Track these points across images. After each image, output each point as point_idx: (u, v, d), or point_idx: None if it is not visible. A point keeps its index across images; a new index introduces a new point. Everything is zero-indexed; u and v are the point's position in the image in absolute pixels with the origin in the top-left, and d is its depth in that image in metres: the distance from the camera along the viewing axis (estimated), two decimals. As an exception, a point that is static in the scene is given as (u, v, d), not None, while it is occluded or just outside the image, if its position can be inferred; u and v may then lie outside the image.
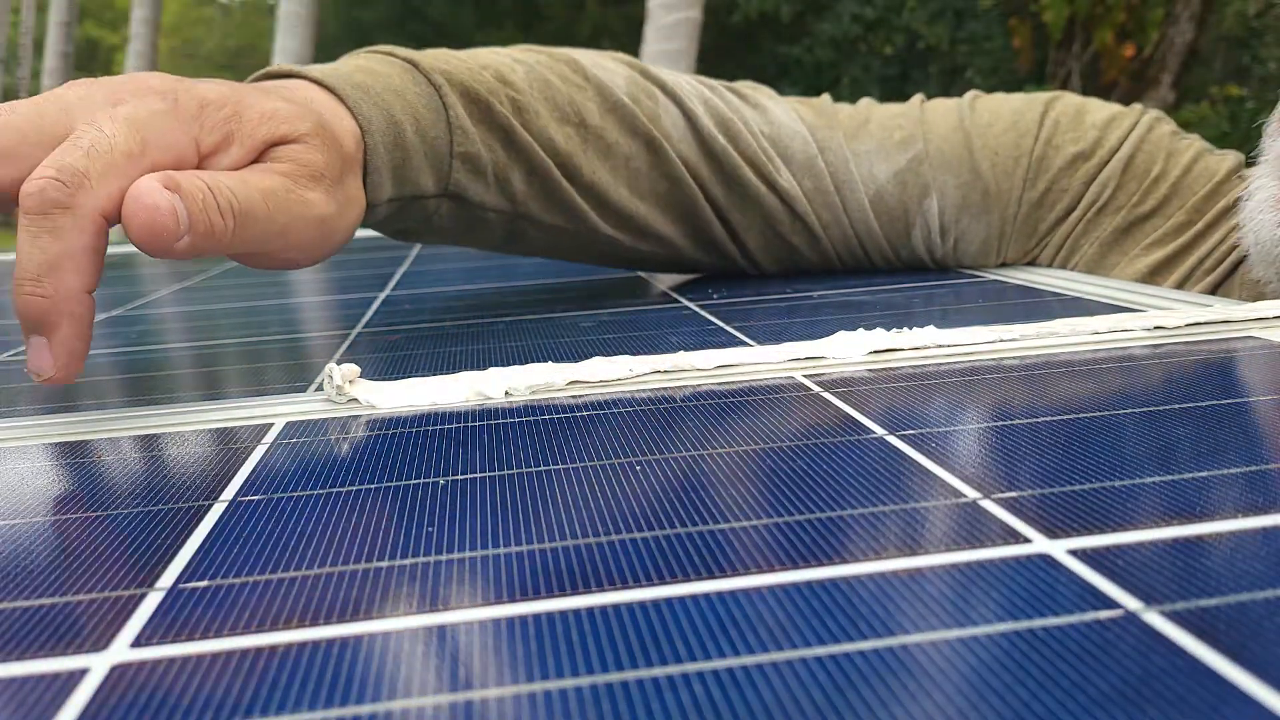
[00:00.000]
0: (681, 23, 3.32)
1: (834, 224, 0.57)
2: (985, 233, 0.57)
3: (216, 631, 0.18)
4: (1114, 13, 5.30)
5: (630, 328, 0.45)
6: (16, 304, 0.31)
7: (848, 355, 0.35)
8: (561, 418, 0.30)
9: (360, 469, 0.26)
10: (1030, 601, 0.17)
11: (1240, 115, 5.45)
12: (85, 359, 0.33)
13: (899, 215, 0.57)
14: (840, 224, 0.57)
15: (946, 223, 0.57)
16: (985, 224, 0.57)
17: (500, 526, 0.22)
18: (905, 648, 0.15)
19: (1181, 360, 0.32)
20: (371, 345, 0.45)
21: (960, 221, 0.57)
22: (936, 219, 0.56)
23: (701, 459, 0.25)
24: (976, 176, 0.56)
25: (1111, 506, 0.20)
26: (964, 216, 0.56)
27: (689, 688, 0.15)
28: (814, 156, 0.56)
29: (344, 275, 0.74)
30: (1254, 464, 0.22)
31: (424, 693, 0.15)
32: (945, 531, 0.20)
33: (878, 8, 6.64)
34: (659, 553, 0.20)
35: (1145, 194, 0.55)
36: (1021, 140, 0.56)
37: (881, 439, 0.26)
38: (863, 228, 0.57)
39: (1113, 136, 0.56)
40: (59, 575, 0.21)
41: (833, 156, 0.56)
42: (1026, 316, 0.42)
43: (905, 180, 0.56)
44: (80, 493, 0.26)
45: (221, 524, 0.23)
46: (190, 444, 0.30)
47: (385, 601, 0.18)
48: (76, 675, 0.17)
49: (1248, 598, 0.16)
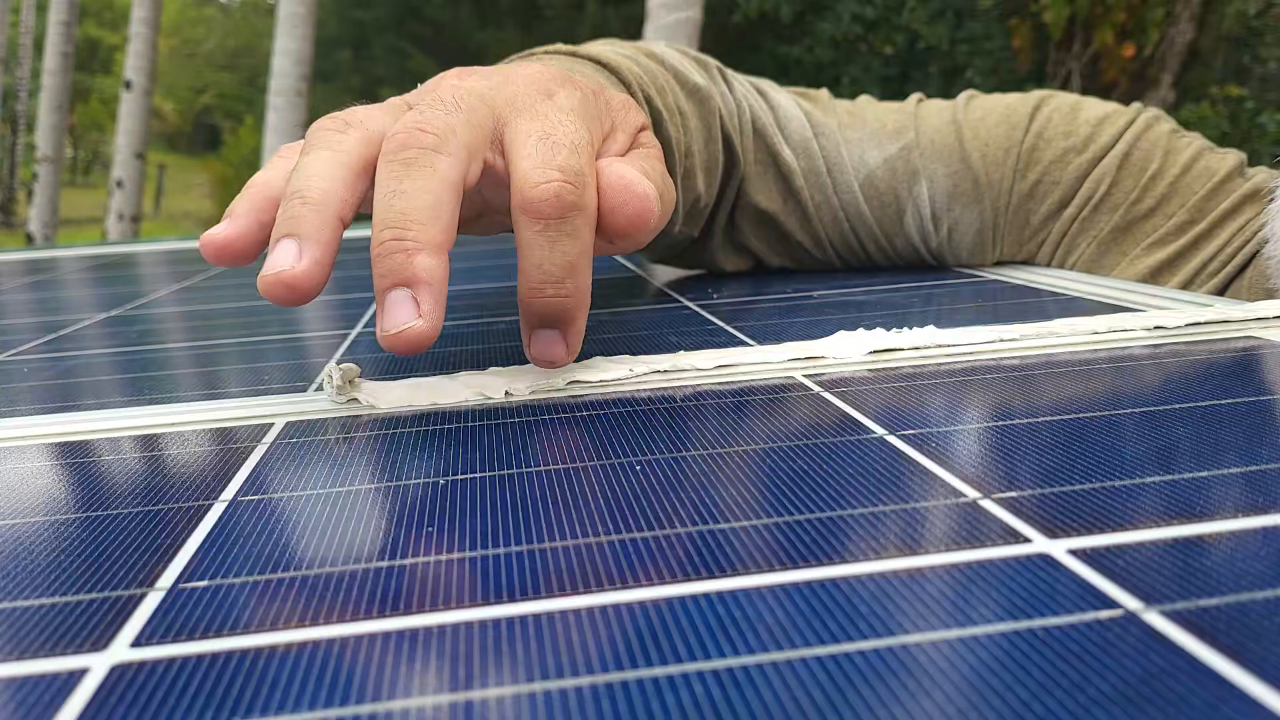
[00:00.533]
0: (681, 23, 3.32)
1: (825, 205, 0.58)
2: (978, 222, 0.57)
3: (216, 631, 0.18)
4: (1114, 13, 5.30)
5: (630, 328, 0.45)
6: (535, 305, 0.31)
7: (847, 355, 0.35)
8: (561, 418, 0.30)
9: (360, 469, 0.26)
10: (1030, 601, 0.17)
11: (1240, 115, 5.46)
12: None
13: (890, 201, 0.57)
14: (830, 205, 0.58)
15: (938, 210, 0.57)
16: (977, 213, 0.57)
17: (500, 526, 0.22)
18: (905, 648, 0.15)
19: (1181, 360, 0.32)
20: (371, 345, 0.45)
21: (952, 210, 0.57)
22: (928, 205, 0.57)
23: (701, 459, 0.25)
24: (966, 166, 0.56)
25: (1111, 506, 0.20)
26: (955, 205, 0.57)
27: (689, 688, 0.15)
28: (809, 139, 0.57)
29: (344, 275, 0.74)
30: (1254, 464, 0.22)
31: (424, 693, 0.15)
32: (945, 531, 0.20)
33: (878, 8, 6.64)
34: (659, 553, 0.20)
35: (1143, 191, 0.55)
36: (1012, 132, 0.57)
37: (881, 439, 0.26)
38: (853, 210, 0.57)
39: (1107, 133, 0.56)
40: (59, 575, 0.21)
41: (826, 141, 0.57)
42: (1026, 316, 0.42)
43: (895, 167, 0.57)
44: (80, 493, 0.26)
45: (221, 524, 0.23)
46: (190, 444, 0.30)
47: (385, 602, 0.18)
48: (76, 675, 0.17)
49: (1248, 598, 0.16)
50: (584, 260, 0.31)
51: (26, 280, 0.85)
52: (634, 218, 0.32)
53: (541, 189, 0.30)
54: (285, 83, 4.49)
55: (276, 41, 4.51)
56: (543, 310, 0.31)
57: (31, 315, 0.62)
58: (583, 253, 0.31)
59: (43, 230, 6.70)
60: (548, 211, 0.30)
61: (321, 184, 0.30)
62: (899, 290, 0.52)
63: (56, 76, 6.59)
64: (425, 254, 0.29)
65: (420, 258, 0.29)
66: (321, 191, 0.30)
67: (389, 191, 0.30)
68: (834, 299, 0.50)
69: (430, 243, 0.29)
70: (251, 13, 14.25)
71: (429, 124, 0.31)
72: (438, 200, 0.30)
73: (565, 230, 0.30)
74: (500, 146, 0.33)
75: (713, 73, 0.57)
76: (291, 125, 4.52)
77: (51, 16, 6.64)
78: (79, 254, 1.10)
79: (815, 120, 0.58)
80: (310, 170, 0.31)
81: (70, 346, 0.49)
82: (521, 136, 0.32)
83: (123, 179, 5.83)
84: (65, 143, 7.67)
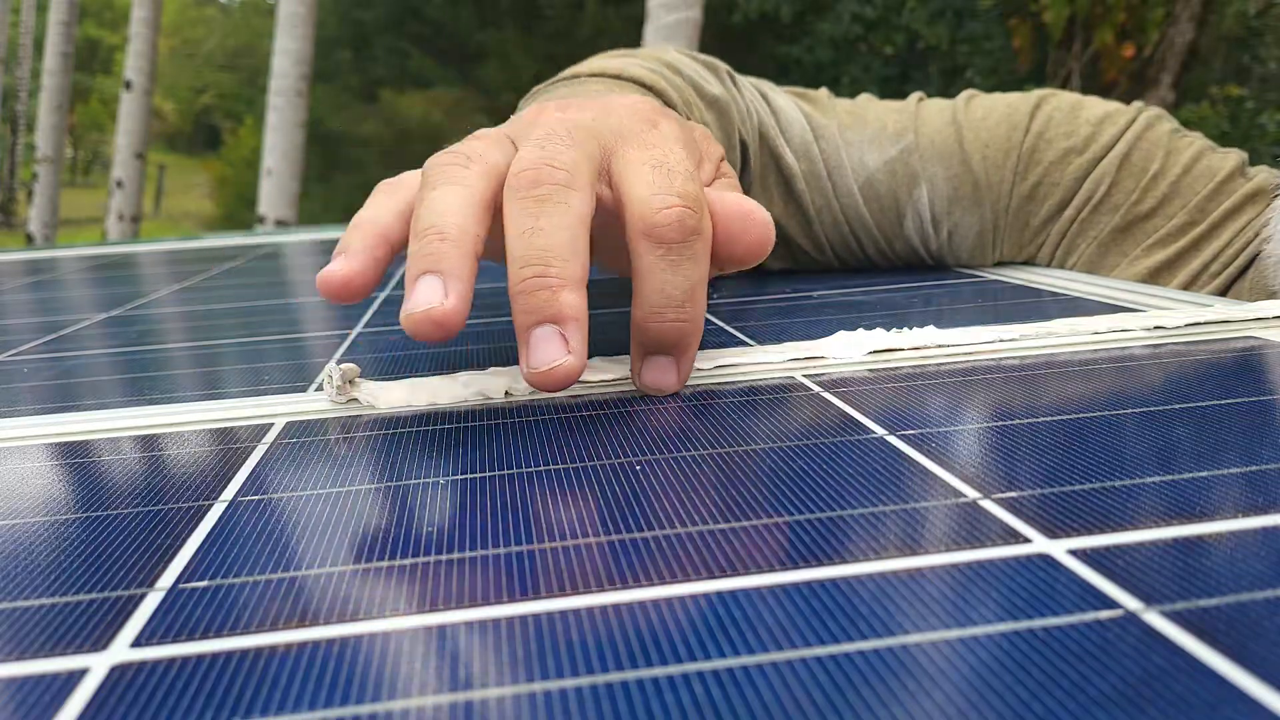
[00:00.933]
0: (681, 23, 3.32)
1: (825, 209, 0.58)
2: (979, 225, 0.57)
3: (216, 631, 0.18)
4: (1114, 13, 5.30)
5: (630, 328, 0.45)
6: (654, 330, 0.31)
7: (848, 355, 0.35)
8: (561, 418, 0.30)
9: (360, 469, 0.26)
10: (1030, 601, 0.17)
11: (1240, 115, 5.46)
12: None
13: (890, 205, 0.57)
14: (831, 209, 0.58)
15: (938, 214, 0.57)
16: (978, 216, 0.57)
17: (500, 526, 0.22)
18: (905, 648, 0.15)
19: (1181, 360, 0.32)
20: (371, 345, 0.45)
21: (952, 214, 0.57)
22: (928, 209, 0.57)
23: (701, 459, 0.25)
24: (967, 169, 0.56)
25: (1111, 506, 0.20)
26: (955, 209, 0.57)
27: (689, 688, 0.15)
28: (810, 142, 0.57)
29: (344, 275, 0.74)
30: (1254, 464, 0.22)
31: (424, 693, 0.15)
32: (945, 531, 0.20)
33: (878, 8, 6.64)
34: (659, 553, 0.20)
35: (1144, 192, 0.55)
36: (1013, 133, 0.57)
37: (881, 439, 0.26)
38: (853, 214, 0.58)
39: (1107, 133, 0.56)
40: (59, 575, 0.21)
41: (826, 144, 0.58)
42: (1026, 316, 0.42)
43: (895, 169, 0.57)
44: (80, 493, 0.26)
45: (221, 524, 0.23)
46: (190, 444, 0.30)
47: (385, 601, 0.18)
48: (76, 675, 0.17)
49: (1248, 598, 0.16)
50: (703, 286, 0.31)
51: (26, 280, 0.85)
52: (753, 245, 0.33)
53: (664, 214, 0.31)
54: (285, 83, 4.49)
55: (276, 41, 4.51)
56: (660, 335, 0.31)
57: (31, 315, 0.62)
58: (702, 278, 0.31)
59: (43, 230, 6.70)
60: (671, 236, 0.31)
61: (457, 219, 0.31)
62: (899, 290, 0.52)
63: (56, 76, 6.59)
64: (569, 290, 0.29)
65: (565, 294, 0.29)
66: (458, 228, 0.30)
67: (526, 229, 0.30)
68: (834, 299, 0.50)
69: (572, 279, 0.29)
70: (251, 13, 14.26)
71: (557, 159, 0.31)
72: (574, 236, 0.30)
73: (687, 255, 0.31)
74: (608, 177, 0.33)
75: (724, 78, 0.57)
76: (291, 125, 4.52)
77: (51, 16, 6.64)
78: (79, 254, 1.10)
79: (815, 123, 0.58)
80: (443, 206, 0.31)
81: (70, 346, 0.49)
82: (634, 165, 0.32)
83: (123, 179, 5.83)
84: (65, 143, 7.67)
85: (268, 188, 4.54)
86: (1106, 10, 5.32)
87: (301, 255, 0.94)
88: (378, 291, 0.64)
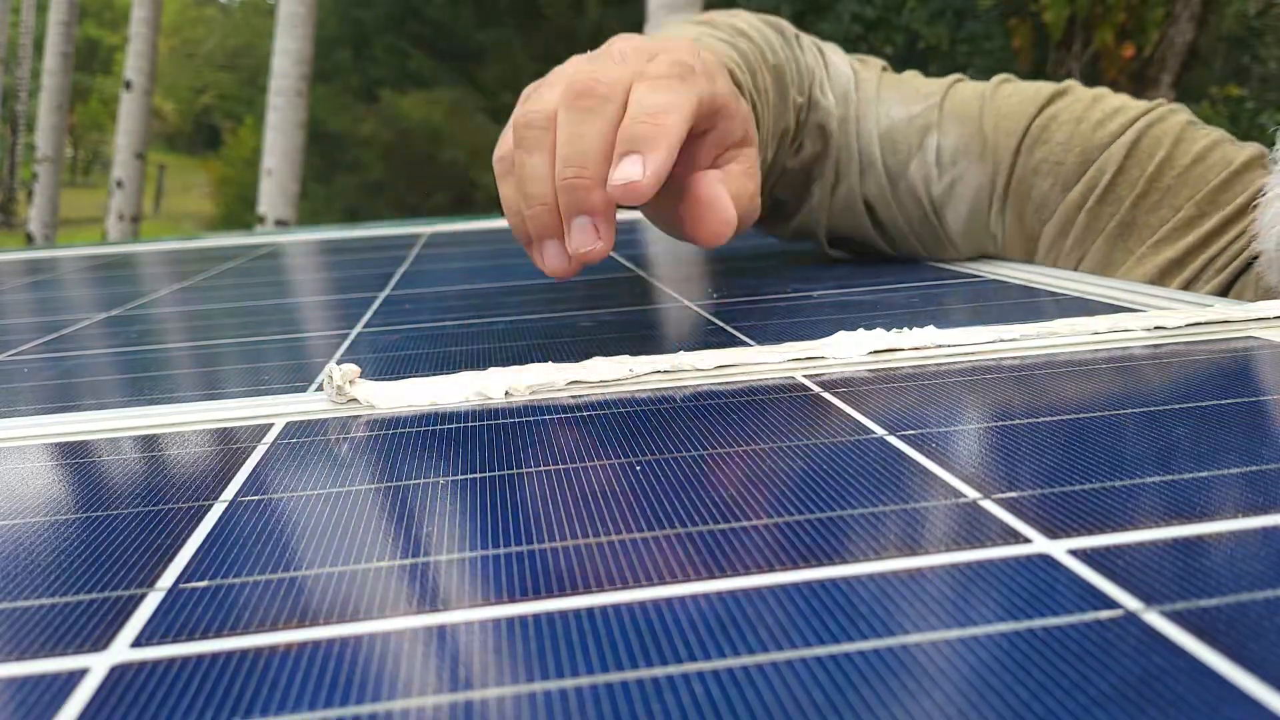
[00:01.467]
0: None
1: (844, 149, 0.61)
2: (979, 180, 0.59)
3: (216, 631, 0.18)
4: (1114, 13, 5.30)
5: (630, 328, 0.45)
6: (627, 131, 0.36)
7: (848, 355, 0.35)
8: (561, 418, 0.30)
9: (360, 469, 0.26)
10: (1030, 601, 0.17)
11: (1240, 115, 5.45)
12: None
13: (902, 149, 0.60)
14: (849, 148, 0.61)
15: (944, 160, 0.59)
16: (979, 172, 0.59)
17: (500, 526, 0.22)
18: (905, 648, 0.15)
19: (1181, 360, 0.32)
20: (371, 345, 0.45)
21: (957, 163, 0.59)
22: (934, 153, 0.59)
23: (701, 459, 0.25)
24: (979, 130, 0.59)
25: (1111, 506, 0.20)
26: (960, 160, 0.59)
27: (689, 688, 0.15)
28: (849, 90, 0.62)
29: (344, 275, 0.74)
30: (1254, 464, 0.22)
31: (424, 693, 0.15)
32: (945, 531, 0.20)
33: (878, 8, 6.64)
34: (659, 553, 0.20)
35: (1149, 181, 0.54)
36: (1028, 108, 0.59)
37: (882, 439, 0.26)
38: (866, 158, 0.61)
39: (1117, 121, 0.56)
40: (59, 575, 0.21)
41: (861, 93, 0.62)
42: (1026, 316, 0.42)
43: (914, 123, 0.60)
44: (80, 493, 0.26)
45: (221, 524, 0.23)
46: (190, 444, 0.30)
47: (385, 601, 0.18)
48: (76, 675, 0.17)
49: (1248, 598, 0.16)
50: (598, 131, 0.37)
51: (26, 280, 0.85)
52: (707, 236, 0.39)
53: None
54: (285, 83, 4.49)
55: (276, 41, 4.51)
56: (632, 135, 0.36)
57: (31, 315, 0.62)
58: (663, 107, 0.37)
59: (43, 230, 6.70)
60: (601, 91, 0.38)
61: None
62: (899, 290, 0.52)
63: (56, 76, 6.59)
64: (600, 189, 0.36)
65: (597, 193, 0.36)
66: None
67: (571, 134, 0.37)
68: (834, 299, 0.50)
69: (603, 179, 0.36)
70: (251, 13, 14.25)
71: (604, 76, 0.38)
72: (608, 143, 0.37)
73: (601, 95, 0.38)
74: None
75: (789, 40, 0.62)
76: (291, 125, 4.52)
77: (51, 16, 6.64)
78: (79, 254, 1.10)
79: (860, 77, 0.63)
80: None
81: (70, 346, 0.49)
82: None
83: (123, 179, 5.83)
84: (65, 143, 7.66)
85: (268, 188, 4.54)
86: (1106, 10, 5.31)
87: (301, 255, 0.94)
88: (378, 291, 0.64)
